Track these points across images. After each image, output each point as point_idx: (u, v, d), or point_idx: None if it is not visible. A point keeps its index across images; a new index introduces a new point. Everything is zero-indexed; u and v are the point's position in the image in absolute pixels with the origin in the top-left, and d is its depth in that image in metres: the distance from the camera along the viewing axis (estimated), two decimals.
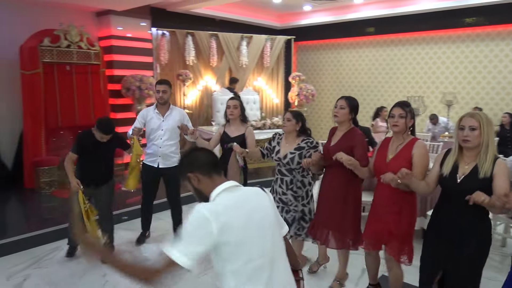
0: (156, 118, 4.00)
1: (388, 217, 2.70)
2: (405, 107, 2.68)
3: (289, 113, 3.32)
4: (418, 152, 2.60)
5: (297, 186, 3.30)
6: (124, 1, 6.36)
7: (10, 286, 3.41)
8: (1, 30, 6.00)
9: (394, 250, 2.70)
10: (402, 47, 8.98)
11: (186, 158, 1.69)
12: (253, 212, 1.56)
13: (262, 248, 1.54)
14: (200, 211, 1.45)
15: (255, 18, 9.56)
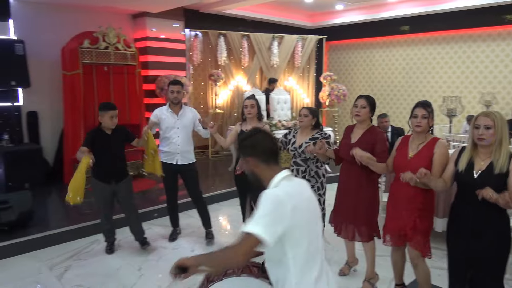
0: (171, 117, 4.13)
1: (411, 213, 2.75)
2: (427, 108, 2.75)
3: (306, 109, 3.60)
4: (439, 151, 2.67)
5: (310, 175, 3.54)
6: (159, 3, 6.54)
7: (53, 276, 3.60)
8: (45, 33, 6.31)
9: (420, 245, 2.75)
10: (438, 46, 8.72)
11: (247, 141, 1.68)
12: (309, 200, 1.65)
13: (316, 234, 1.64)
14: (274, 193, 1.51)
15: (287, 18, 9.56)
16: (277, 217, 1.46)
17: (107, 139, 3.77)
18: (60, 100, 6.41)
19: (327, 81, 9.18)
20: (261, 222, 1.44)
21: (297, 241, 1.54)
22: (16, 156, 5.56)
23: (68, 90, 6.16)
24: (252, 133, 1.71)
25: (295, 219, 1.50)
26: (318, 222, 1.68)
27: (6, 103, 5.92)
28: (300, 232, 1.54)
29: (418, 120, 2.73)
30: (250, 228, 1.43)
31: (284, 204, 1.48)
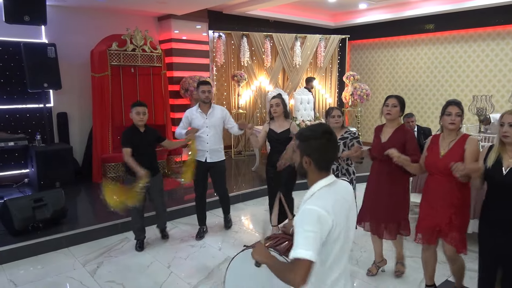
0: (200, 116, 4.28)
1: (446, 209, 2.78)
2: (460, 106, 2.81)
3: (338, 110, 3.74)
4: (470, 147, 2.72)
5: (342, 173, 3.69)
6: (184, 5, 6.63)
7: (86, 272, 3.71)
8: (75, 36, 6.51)
9: (456, 241, 2.78)
10: (465, 44, 8.53)
11: (314, 141, 1.61)
12: (349, 208, 1.65)
13: (348, 240, 1.64)
14: (315, 212, 1.49)
15: (309, 18, 9.54)
16: (319, 236, 1.48)
17: (141, 137, 4.00)
18: (88, 101, 6.60)
19: (350, 80, 9.12)
20: (309, 246, 1.45)
21: (329, 247, 1.56)
22: (47, 155, 5.75)
23: (96, 92, 6.33)
24: (320, 133, 1.62)
25: (334, 233, 1.53)
26: (353, 227, 1.69)
27: (39, 105, 6.14)
28: (335, 240, 1.55)
29: (452, 118, 2.77)
30: (302, 254, 1.45)
31: (325, 223, 1.49)
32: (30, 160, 5.95)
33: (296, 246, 1.47)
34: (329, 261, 1.57)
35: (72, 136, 6.72)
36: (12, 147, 5.71)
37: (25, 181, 6.14)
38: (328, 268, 1.58)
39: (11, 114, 6.08)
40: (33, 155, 5.70)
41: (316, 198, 1.56)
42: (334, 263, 1.58)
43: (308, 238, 1.46)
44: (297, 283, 1.45)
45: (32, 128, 6.22)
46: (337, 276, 1.61)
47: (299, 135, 1.66)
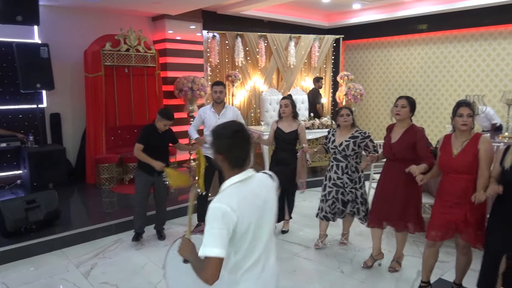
0: (213, 116, 4.44)
1: (461, 207, 2.84)
2: (472, 106, 2.85)
3: (347, 109, 3.84)
4: (484, 147, 2.77)
5: (351, 170, 3.81)
6: (178, 5, 6.61)
7: (80, 274, 3.69)
8: (68, 36, 6.46)
9: (471, 236, 2.84)
10: (458, 44, 8.59)
11: (226, 140, 1.66)
12: (264, 202, 1.69)
13: (263, 231, 1.69)
14: (219, 210, 1.54)
15: (303, 18, 9.55)
16: (226, 232, 1.53)
17: (158, 137, 4.18)
18: (82, 101, 6.56)
19: (344, 80, 9.15)
20: (215, 243, 1.50)
21: (240, 239, 1.61)
22: (40, 157, 5.70)
23: (90, 92, 6.30)
24: (232, 131, 1.66)
25: (240, 228, 1.58)
26: (269, 220, 1.73)
27: (31, 105, 6.09)
28: (244, 234, 1.60)
29: (464, 119, 2.81)
30: (209, 252, 1.50)
31: (229, 219, 1.54)
32: (22, 161, 5.90)
33: (204, 244, 1.52)
34: (241, 251, 1.63)
35: (65, 137, 6.68)
36: (4, 148, 5.67)
37: (18, 183, 6.10)
38: (242, 257, 1.64)
39: (4, 114, 6.03)
40: (26, 156, 5.66)
41: (223, 195, 1.61)
42: (247, 253, 1.64)
43: (215, 235, 1.51)
44: (207, 280, 1.51)
45: (25, 129, 6.17)
46: (252, 263, 1.67)
47: (212, 133, 1.71)
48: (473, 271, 3.50)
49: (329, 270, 3.71)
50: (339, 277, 3.58)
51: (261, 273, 1.71)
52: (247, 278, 1.67)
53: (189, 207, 1.96)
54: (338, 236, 4.33)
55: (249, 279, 1.67)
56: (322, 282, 3.50)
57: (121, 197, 5.76)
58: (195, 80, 7.14)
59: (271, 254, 1.78)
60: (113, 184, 6.19)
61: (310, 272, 3.69)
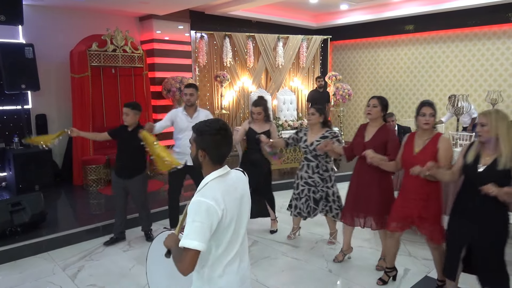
0: (185, 119, 4.28)
1: (416, 203, 3.00)
2: (434, 106, 2.98)
3: (313, 108, 3.92)
4: (443, 146, 2.92)
5: (322, 169, 3.91)
6: (166, 5, 6.58)
7: (67, 276, 3.65)
8: (54, 36, 6.38)
9: (428, 231, 3.01)
10: (443, 45, 8.72)
11: (209, 137, 1.68)
12: (241, 196, 1.74)
13: (241, 225, 1.74)
14: (203, 203, 1.56)
15: (291, 19, 9.59)
16: (208, 226, 1.55)
17: (126, 135, 4.05)
18: (68, 102, 6.48)
19: (332, 81, 9.21)
20: (196, 236, 1.52)
21: (222, 233, 1.64)
22: (26, 158, 5.62)
23: (76, 93, 6.23)
24: (216, 129, 1.69)
25: (224, 221, 1.62)
26: (246, 213, 1.78)
27: (16, 106, 6.00)
28: (227, 227, 1.64)
29: (427, 118, 2.95)
30: (187, 243, 1.52)
31: (213, 213, 1.56)
32: (7, 163, 5.81)
33: (185, 235, 1.54)
34: (222, 245, 1.66)
35: None
36: None
37: (3, 185, 6.00)
38: (222, 251, 1.67)
39: None
40: (11, 158, 5.57)
41: (206, 189, 1.63)
42: (228, 247, 1.68)
43: (196, 228, 1.53)
44: (182, 270, 1.55)
45: (10, 130, 6.07)
46: (232, 257, 1.70)
47: (196, 129, 1.73)
48: None
49: (317, 269, 3.73)
50: (327, 276, 3.60)
51: (239, 267, 1.74)
52: (228, 271, 1.69)
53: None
54: (327, 235, 4.35)
55: (229, 273, 1.70)
56: (310, 281, 3.52)
57: (109, 198, 5.70)
58: (183, 80, 7.12)
59: (246, 247, 1.82)
60: (101, 185, 6.13)
61: (298, 272, 3.71)
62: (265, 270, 3.70)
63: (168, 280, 2.26)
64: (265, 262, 3.89)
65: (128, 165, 4.11)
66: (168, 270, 2.26)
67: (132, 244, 4.34)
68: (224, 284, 1.69)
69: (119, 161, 4.19)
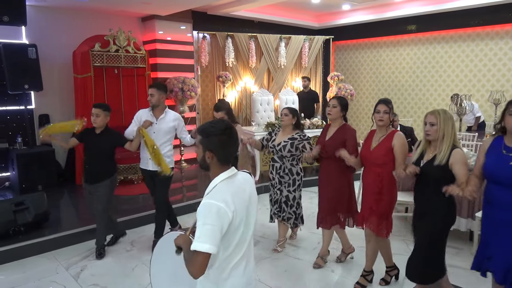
0: (150, 119, 3.98)
1: (370, 197, 3.16)
2: (388, 104, 3.10)
3: (286, 109, 3.89)
4: (398, 142, 3.03)
5: (284, 172, 3.86)
6: (168, 6, 6.60)
7: (69, 276, 3.66)
8: (57, 36, 6.41)
9: (374, 225, 3.13)
10: (446, 45, 8.71)
11: (216, 137, 1.68)
12: (249, 197, 1.74)
13: (249, 227, 1.74)
14: (214, 206, 1.56)
15: (293, 19, 9.59)
16: (219, 228, 1.55)
17: (94, 139, 3.82)
18: (71, 102, 6.51)
19: (334, 81, 9.20)
20: (207, 239, 1.52)
21: (231, 235, 1.64)
22: (29, 158, 5.65)
23: (79, 93, 6.26)
24: (222, 129, 1.69)
25: (234, 223, 1.62)
26: (253, 215, 1.78)
27: (20, 107, 6.03)
28: (236, 229, 1.65)
29: (381, 115, 3.08)
30: (199, 247, 1.52)
31: (224, 215, 1.56)
32: (11, 163, 5.83)
33: (196, 238, 1.54)
34: (231, 247, 1.66)
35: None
36: None
37: (6, 185, 6.02)
38: (230, 253, 1.67)
39: None
40: (14, 158, 5.60)
41: (215, 191, 1.63)
42: (235, 249, 1.68)
43: (207, 231, 1.53)
44: (194, 273, 1.55)
45: (13, 130, 6.10)
46: (238, 259, 1.70)
47: (201, 131, 1.72)
48: (456, 268, 3.55)
49: (319, 269, 3.73)
50: (329, 276, 3.60)
51: (245, 269, 1.74)
52: (234, 273, 1.69)
53: None
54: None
55: (235, 275, 1.70)
56: (312, 282, 3.52)
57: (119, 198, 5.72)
58: (186, 80, 7.13)
59: (252, 249, 1.83)
60: None
61: (300, 272, 3.71)
62: (268, 270, 3.70)
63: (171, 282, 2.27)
64: (267, 262, 3.90)
65: (96, 170, 3.87)
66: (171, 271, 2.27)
67: (134, 244, 4.35)
68: (230, 286, 1.69)
69: (86, 166, 3.92)
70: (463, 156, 2.59)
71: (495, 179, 2.48)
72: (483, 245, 2.65)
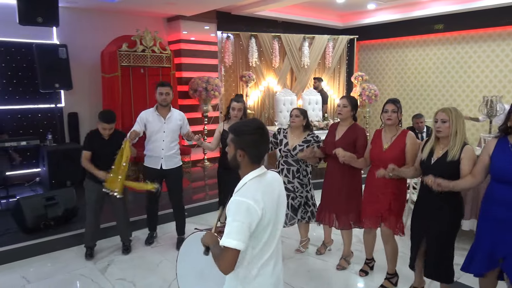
0: (158, 120, 4.00)
1: (386, 196, 3.15)
2: (397, 103, 3.15)
3: (296, 110, 3.81)
4: (410, 142, 3.09)
5: (303, 174, 3.81)
6: (193, 6, 6.68)
7: (97, 270, 3.77)
8: (86, 37, 6.59)
9: (392, 224, 3.17)
10: (475, 44, 8.47)
11: (248, 136, 1.70)
12: (278, 196, 1.76)
13: (278, 226, 1.75)
14: (244, 203, 1.58)
15: (317, 19, 9.54)
16: (248, 226, 1.57)
17: (102, 144, 3.77)
18: (99, 101, 6.67)
19: (358, 81, 9.10)
20: (235, 236, 1.54)
21: (260, 233, 1.65)
22: (58, 155, 5.81)
23: (106, 92, 6.41)
24: (254, 128, 1.71)
25: (263, 221, 1.63)
26: (282, 213, 1.80)
27: (50, 105, 6.23)
28: (265, 227, 1.66)
29: (389, 114, 3.13)
30: (228, 243, 1.54)
31: (253, 212, 1.58)
32: (41, 160, 6.03)
33: (226, 234, 1.56)
34: (259, 245, 1.67)
35: (82, 136, 6.73)
36: (24, 147, 5.80)
37: (37, 180, 6.23)
38: (259, 251, 1.68)
39: (24, 114, 6.19)
40: (45, 154, 5.78)
41: (245, 189, 1.65)
42: (264, 247, 1.69)
43: (237, 227, 1.55)
44: (223, 270, 1.58)
45: (44, 128, 6.31)
46: (267, 258, 1.71)
47: (233, 130, 1.74)
48: None
49: (343, 271, 3.70)
50: (353, 278, 3.57)
51: (274, 268, 1.74)
52: (262, 272, 1.70)
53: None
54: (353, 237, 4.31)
55: (264, 274, 1.70)
56: (336, 282, 3.51)
57: (136, 195, 5.81)
58: (210, 80, 7.20)
59: (280, 248, 1.83)
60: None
61: (324, 273, 3.70)
62: (291, 270, 3.70)
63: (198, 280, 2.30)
64: (291, 262, 3.90)
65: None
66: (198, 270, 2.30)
67: (160, 240, 4.43)
68: (258, 285, 1.69)
69: (100, 168, 3.75)
70: (473, 153, 2.68)
71: (507, 178, 2.52)
72: (479, 244, 2.70)
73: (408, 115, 9.40)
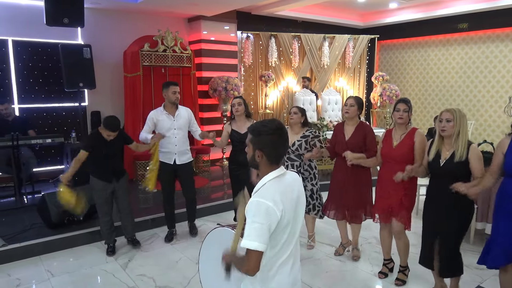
0: (167, 119, 4.17)
1: (398, 192, 3.22)
2: (408, 103, 3.24)
3: (295, 108, 3.94)
4: (419, 139, 3.16)
5: (304, 168, 3.90)
6: (214, 6, 6.73)
7: (118, 265, 3.85)
8: (109, 37, 6.73)
9: (404, 218, 3.24)
10: (500, 44, 8.25)
11: (267, 136, 1.69)
12: (297, 197, 1.75)
13: (297, 227, 1.76)
14: (263, 204, 1.57)
15: (338, 18, 9.47)
16: (267, 227, 1.57)
17: (104, 144, 3.83)
18: (121, 100, 6.81)
19: (379, 81, 8.99)
20: (256, 237, 1.55)
21: (279, 234, 1.65)
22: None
23: (128, 91, 6.53)
24: (273, 128, 1.70)
25: (282, 222, 1.63)
26: (301, 214, 1.79)
27: (74, 104, 6.39)
28: (284, 228, 1.65)
29: (400, 114, 3.21)
30: (249, 245, 1.55)
31: (273, 214, 1.58)
32: (65, 157, 6.19)
33: (246, 236, 1.56)
34: (278, 246, 1.67)
35: None
36: (49, 144, 5.96)
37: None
38: (277, 251, 1.68)
39: (49, 112, 6.38)
40: (69, 152, 5.93)
41: (264, 190, 1.64)
42: (283, 247, 1.69)
43: (256, 229, 1.55)
44: (248, 271, 1.59)
45: (68, 126, 6.48)
46: (285, 258, 1.71)
47: (252, 130, 1.73)
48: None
49: (361, 271, 3.68)
50: (372, 280, 3.54)
51: (292, 268, 1.74)
52: (280, 272, 1.70)
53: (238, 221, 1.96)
54: (372, 239, 4.28)
55: (282, 273, 1.71)
56: (354, 283, 3.48)
57: (157, 193, 5.89)
58: (229, 80, 7.25)
59: (299, 249, 1.83)
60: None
61: (342, 274, 3.68)
62: (309, 271, 3.70)
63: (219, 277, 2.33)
64: (309, 262, 3.89)
65: (118, 166, 4.03)
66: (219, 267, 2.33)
67: (179, 238, 4.49)
68: (276, 284, 1.70)
69: (105, 167, 3.91)
70: (479, 152, 2.75)
71: None
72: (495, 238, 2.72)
73: (430, 116, 9.23)
